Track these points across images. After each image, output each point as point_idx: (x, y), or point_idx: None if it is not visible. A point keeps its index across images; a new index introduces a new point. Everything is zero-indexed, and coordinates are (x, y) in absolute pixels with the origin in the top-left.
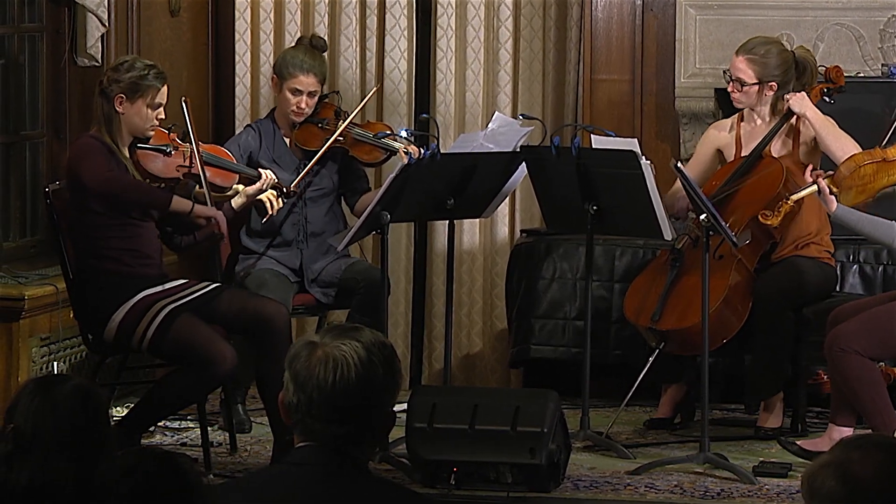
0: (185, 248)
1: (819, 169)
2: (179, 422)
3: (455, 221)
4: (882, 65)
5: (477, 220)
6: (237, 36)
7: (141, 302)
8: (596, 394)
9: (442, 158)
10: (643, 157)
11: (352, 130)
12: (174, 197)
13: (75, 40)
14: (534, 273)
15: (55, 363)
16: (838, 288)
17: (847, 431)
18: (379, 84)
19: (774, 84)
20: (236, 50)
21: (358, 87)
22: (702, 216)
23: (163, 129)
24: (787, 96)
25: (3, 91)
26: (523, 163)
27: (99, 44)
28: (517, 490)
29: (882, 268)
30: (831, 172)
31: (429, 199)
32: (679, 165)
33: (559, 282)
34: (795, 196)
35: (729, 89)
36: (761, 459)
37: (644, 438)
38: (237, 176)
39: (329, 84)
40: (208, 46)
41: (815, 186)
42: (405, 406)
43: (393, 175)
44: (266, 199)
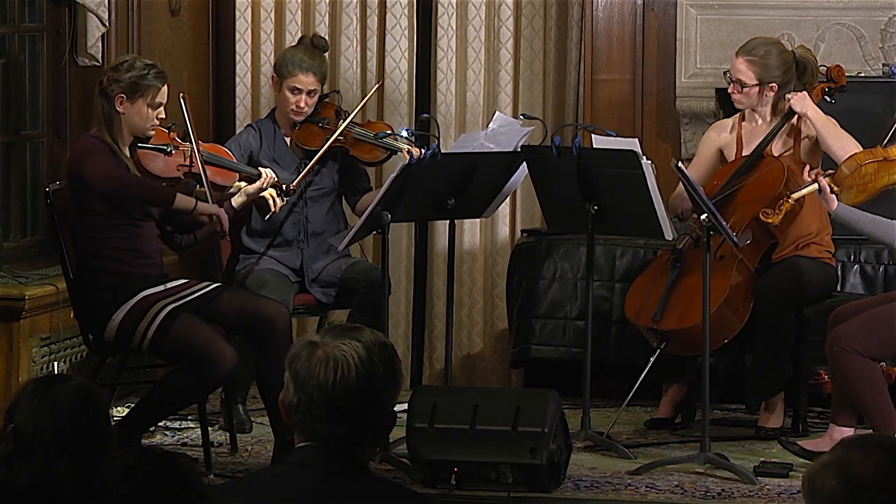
0: (185, 248)
1: (820, 168)
2: (180, 422)
3: (456, 221)
4: (883, 64)
5: (478, 220)
6: (238, 35)
7: (141, 302)
8: (596, 394)
9: (443, 158)
10: (644, 157)
11: (352, 130)
12: (178, 194)
13: (76, 40)
14: (534, 273)
15: (56, 363)
16: (839, 288)
17: (848, 431)
18: (381, 81)
19: (775, 85)
20: (237, 50)
21: (358, 87)
22: (702, 216)
23: (163, 129)
24: (789, 96)
25: (4, 91)
26: (524, 163)
27: (99, 43)
28: (518, 490)
29: (883, 268)
30: (832, 171)
31: (429, 199)
32: (680, 165)
33: (560, 282)
34: (796, 194)
35: (730, 90)
36: (762, 459)
37: (645, 438)
38: (237, 175)
39: (330, 84)
40: (209, 46)
41: (816, 185)
42: (406, 406)
43: (394, 175)
44: (269, 197)
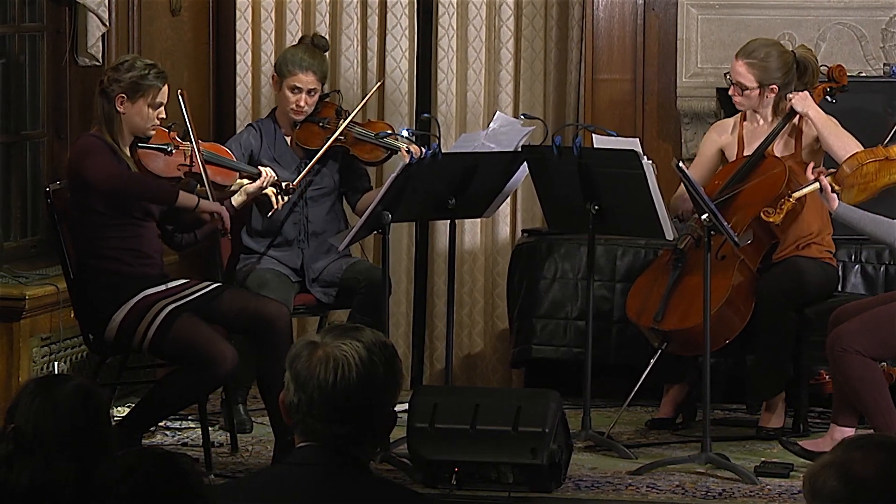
0: (186, 247)
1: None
2: (180, 422)
3: (456, 221)
4: (884, 64)
5: (478, 220)
6: (238, 35)
7: (142, 302)
8: (597, 394)
9: (443, 158)
10: (645, 157)
11: (353, 129)
12: (180, 191)
13: (76, 40)
14: (535, 273)
15: (56, 363)
16: (840, 288)
17: (849, 431)
18: (381, 80)
19: (776, 86)
20: (237, 49)
21: (359, 87)
22: (703, 216)
23: (163, 128)
24: (790, 95)
25: (4, 91)
26: (525, 162)
27: (100, 43)
28: (519, 490)
29: (884, 268)
30: (833, 170)
31: (430, 199)
32: (681, 165)
33: (561, 282)
34: (797, 193)
35: (730, 93)
36: (763, 460)
37: (646, 438)
38: (238, 174)
39: (330, 83)
40: (209, 46)
41: (818, 184)
42: (406, 406)
43: (394, 175)
44: (271, 194)
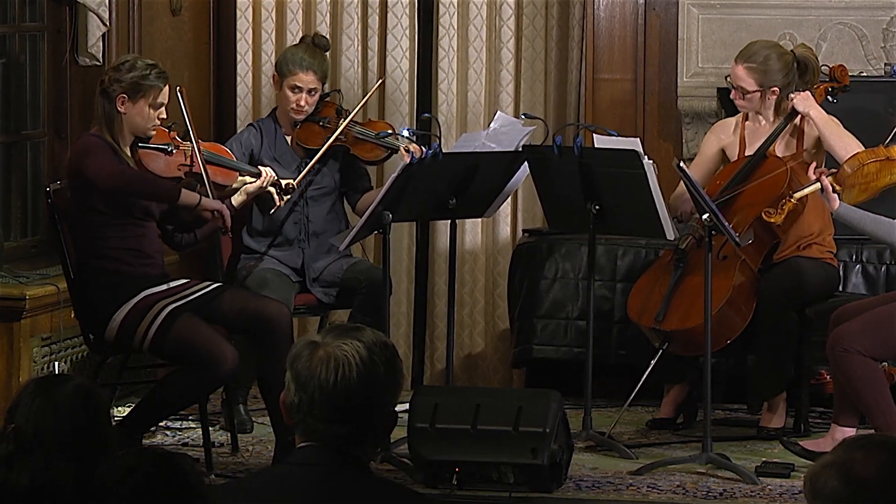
0: (186, 247)
1: (823, 168)
2: (181, 422)
3: (457, 221)
4: (885, 64)
5: (479, 220)
6: (239, 35)
7: (142, 302)
8: (598, 394)
9: (444, 158)
10: (645, 157)
11: (353, 129)
12: (182, 189)
13: (76, 40)
14: (536, 273)
15: (56, 363)
16: (841, 288)
17: (850, 432)
18: (382, 78)
19: (777, 88)
20: (238, 49)
21: (359, 86)
22: (704, 216)
23: (163, 128)
24: (792, 95)
25: (4, 90)
26: (525, 162)
27: (100, 43)
28: (519, 490)
29: (885, 268)
30: (834, 170)
31: (431, 199)
32: (681, 165)
33: (561, 282)
34: (798, 194)
35: (732, 97)
36: (764, 460)
37: (646, 438)
38: (238, 174)
39: (331, 83)
40: (210, 46)
41: (819, 184)
42: (407, 406)
43: (395, 175)
44: (273, 191)
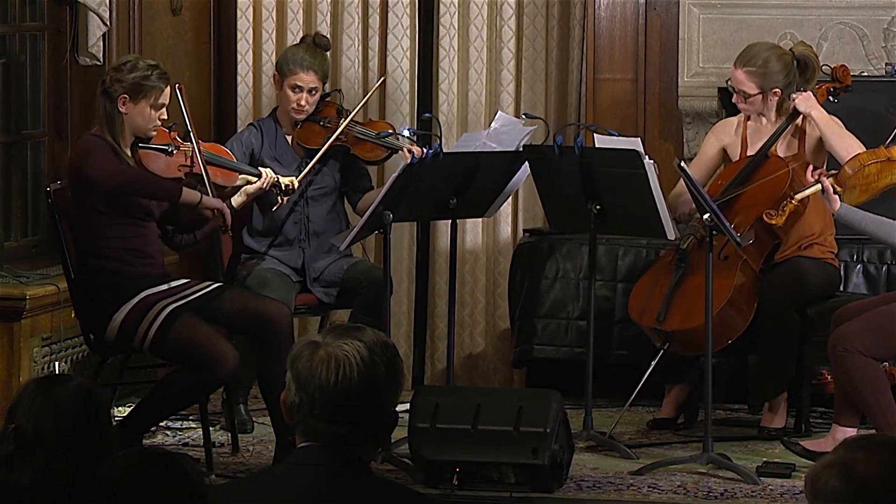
0: (185, 247)
1: (824, 169)
2: (181, 422)
3: (458, 221)
4: (886, 64)
5: (480, 220)
6: (239, 35)
7: (142, 302)
8: (599, 394)
9: (444, 158)
10: (646, 157)
11: (353, 129)
12: (183, 188)
13: (77, 39)
14: (537, 273)
15: (57, 363)
16: (842, 288)
17: (851, 431)
18: (384, 77)
19: (778, 89)
20: (238, 49)
21: (360, 86)
22: (705, 216)
23: (164, 129)
24: (794, 95)
25: (5, 90)
26: (526, 162)
27: (100, 43)
28: (520, 490)
29: (886, 267)
30: (835, 171)
31: (431, 199)
32: (682, 165)
33: (562, 281)
34: (800, 195)
35: (734, 100)
36: (765, 460)
37: (647, 439)
38: (238, 175)
39: (331, 83)
40: (210, 45)
41: (820, 185)
42: (408, 406)
43: (395, 174)
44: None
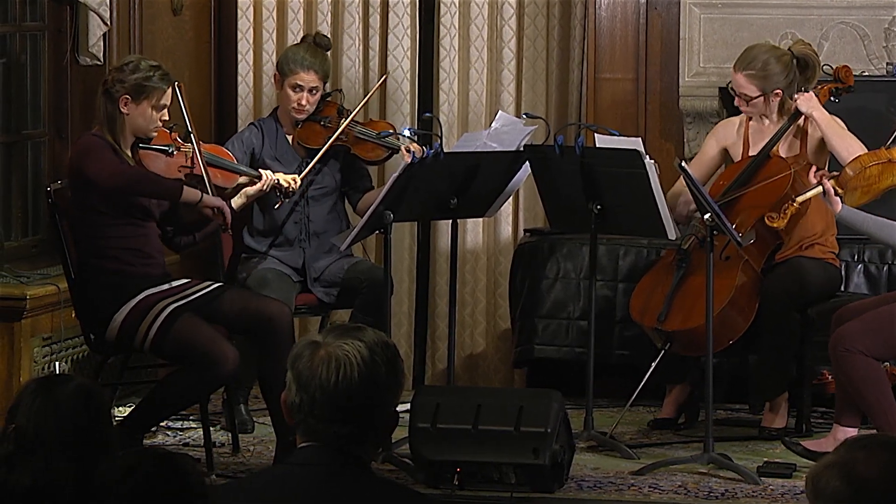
0: (184, 248)
1: (826, 169)
2: (182, 422)
3: (458, 221)
4: (887, 63)
5: (480, 220)
6: (240, 34)
7: (143, 301)
8: (599, 394)
9: (445, 157)
10: (647, 157)
11: (354, 128)
12: (184, 186)
13: (77, 39)
14: (537, 273)
15: (57, 363)
16: (843, 288)
17: (852, 431)
18: (385, 74)
19: (780, 90)
20: (239, 49)
21: (361, 86)
22: (706, 216)
23: (165, 129)
24: (796, 96)
25: (5, 90)
26: (527, 162)
27: (101, 42)
28: (521, 490)
29: (887, 267)
30: (836, 173)
31: (432, 199)
32: (683, 165)
33: (563, 281)
34: (801, 198)
35: (736, 103)
36: (766, 460)
37: (648, 439)
38: (238, 177)
39: (332, 82)
40: (211, 45)
41: (821, 188)
42: (408, 406)
43: (396, 174)
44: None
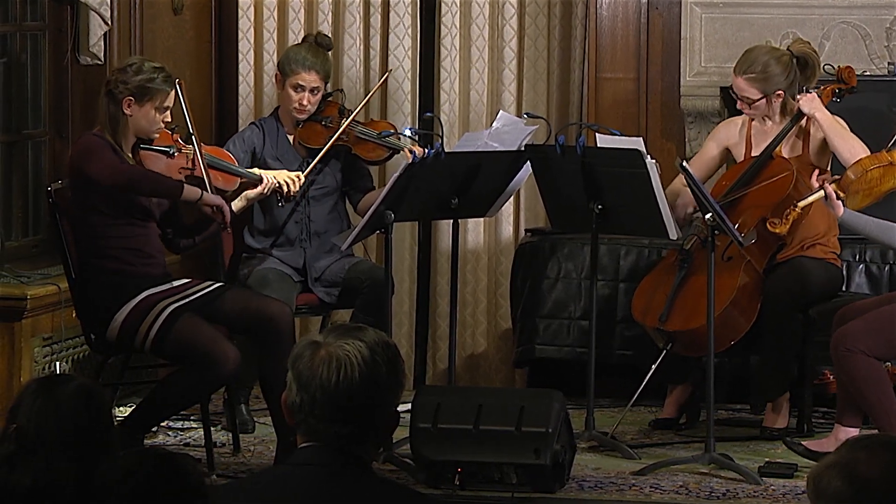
0: (184, 249)
1: (828, 175)
2: (182, 422)
3: (459, 220)
4: (888, 63)
5: (481, 220)
6: (240, 34)
7: (143, 301)
8: (600, 394)
9: (446, 157)
10: (648, 156)
11: (355, 128)
12: (184, 184)
13: (78, 39)
14: (538, 272)
15: (58, 363)
16: (844, 287)
17: (853, 432)
18: (389, 70)
19: (781, 91)
20: (240, 48)
21: (362, 86)
22: (707, 215)
23: (166, 130)
24: (798, 97)
25: (6, 90)
26: (528, 162)
27: (101, 42)
28: (522, 491)
29: (888, 267)
30: (837, 177)
31: (433, 199)
32: (684, 164)
33: (564, 281)
34: (803, 203)
35: (739, 107)
36: (767, 460)
37: (649, 439)
38: (238, 179)
39: (333, 82)
40: (211, 45)
41: (822, 192)
42: (409, 406)
43: (397, 174)
44: (284, 182)
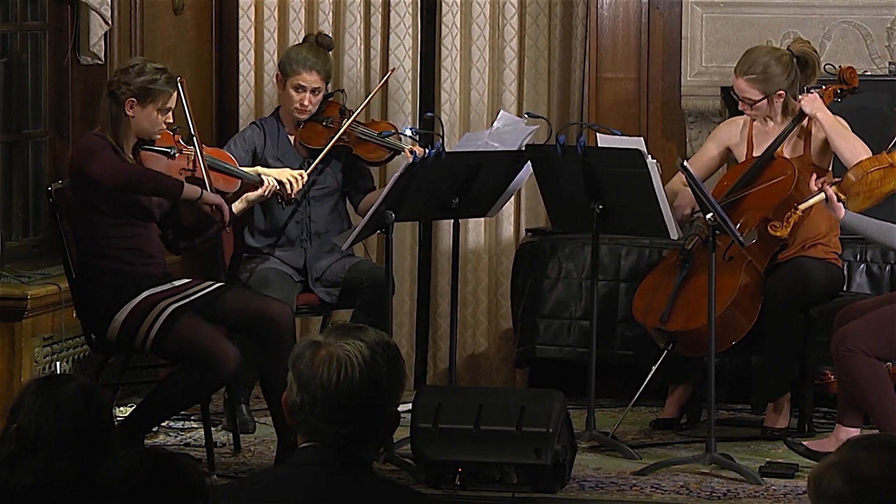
0: (184, 250)
1: (829, 176)
2: (183, 422)
3: (460, 220)
4: (889, 63)
5: (482, 220)
6: (241, 34)
7: (144, 301)
8: (601, 394)
9: (447, 157)
10: (649, 156)
11: (356, 129)
12: (185, 183)
13: (78, 38)
14: (539, 272)
15: (58, 363)
16: (845, 287)
17: (854, 432)
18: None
19: (782, 91)
20: (240, 48)
21: (362, 86)
22: (708, 215)
23: (168, 131)
24: (800, 97)
25: (6, 89)
26: (528, 162)
27: (102, 42)
28: (522, 491)
29: (889, 267)
30: (838, 179)
31: (433, 199)
32: (685, 164)
33: (564, 281)
34: (804, 205)
35: (740, 107)
36: (768, 460)
37: (650, 439)
38: (239, 181)
39: (333, 82)
40: (212, 44)
41: (823, 195)
42: (410, 406)
43: (397, 174)
44: (286, 181)
